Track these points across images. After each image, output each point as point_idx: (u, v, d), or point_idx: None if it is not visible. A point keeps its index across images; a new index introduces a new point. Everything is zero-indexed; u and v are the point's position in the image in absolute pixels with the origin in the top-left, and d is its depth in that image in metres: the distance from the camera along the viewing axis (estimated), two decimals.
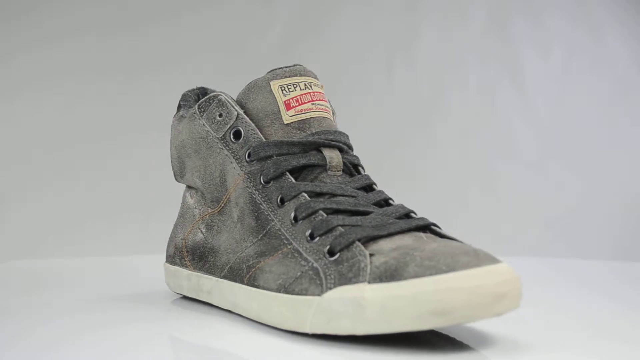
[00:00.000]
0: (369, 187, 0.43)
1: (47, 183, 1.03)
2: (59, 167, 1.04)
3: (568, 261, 0.83)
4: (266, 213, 0.42)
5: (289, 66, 0.45)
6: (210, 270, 0.46)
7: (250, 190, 0.43)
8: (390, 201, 0.42)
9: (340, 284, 0.36)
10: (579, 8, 1.25)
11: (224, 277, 0.45)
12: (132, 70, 1.08)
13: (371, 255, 0.36)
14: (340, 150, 0.44)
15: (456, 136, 1.19)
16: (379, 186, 0.44)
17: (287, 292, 0.39)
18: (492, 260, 0.35)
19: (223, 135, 0.45)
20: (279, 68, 0.45)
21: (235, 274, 0.44)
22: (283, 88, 0.44)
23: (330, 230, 0.38)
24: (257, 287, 0.42)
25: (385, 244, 0.37)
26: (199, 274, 0.47)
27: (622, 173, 1.22)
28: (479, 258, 0.34)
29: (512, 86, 1.22)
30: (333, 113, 0.47)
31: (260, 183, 0.43)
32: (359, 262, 0.36)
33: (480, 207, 1.17)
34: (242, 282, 0.43)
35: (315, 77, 0.46)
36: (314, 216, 0.40)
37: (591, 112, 1.24)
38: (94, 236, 1.02)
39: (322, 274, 0.37)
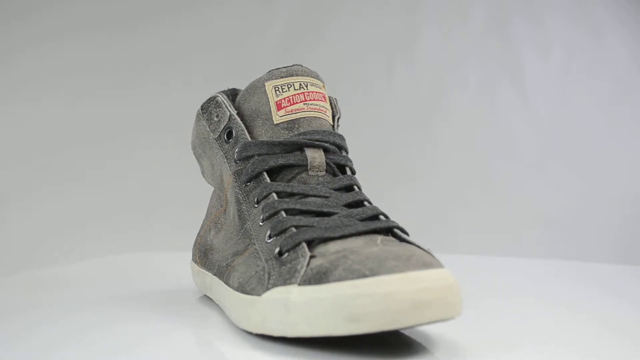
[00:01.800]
0: (348, 188, 0.42)
1: (48, 183, 1.03)
2: (59, 167, 1.04)
3: (568, 263, 0.83)
4: (245, 213, 0.42)
5: (287, 66, 0.45)
6: (209, 268, 0.47)
7: (236, 190, 0.43)
8: (366, 202, 0.41)
9: (277, 285, 0.36)
10: (579, 8, 1.25)
11: (215, 274, 0.46)
12: (132, 70, 1.08)
13: (312, 257, 0.36)
14: (326, 150, 0.43)
15: (456, 136, 1.19)
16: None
17: (243, 291, 0.39)
18: (425, 266, 0.33)
19: (219, 136, 0.45)
20: (277, 69, 0.45)
21: (220, 272, 0.45)
22: (277, 88, 0.44)
23: (284, 231, 0.38)
24: (228, 285, 0.42)
25: (333, 246, 0.36)
26: (203, 270, 0.48)
27: (622, 173, 1.22)
28: (408, 263, 0.33)
29: (512, 86, 1.22)
30: (336, 114, 0.47)
31: (243, 183, 0.43)
32: (297, 263, 0.36)
33: (480, 207, 1.17)
34: (222, 280, 0.44)
35: (316, 77, 0.45)
36: (275, 217, 0.39)
37: (591, 112, 1.24)
38: (94, 236, 1.02)
39: (266, 274, 0.37)
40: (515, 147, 1.20)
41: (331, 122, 0.45)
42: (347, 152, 0.45)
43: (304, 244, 0.37)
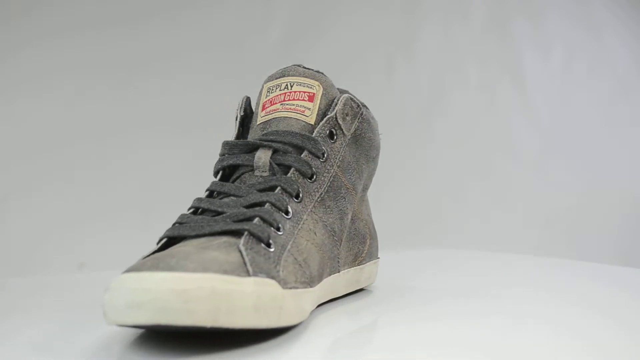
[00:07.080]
0: (272, 189, 0.41)
1: (47, 183, 1.03)
2: (59, 166, 1.04)
3: (567, 262, 0.83)
4: None
5: (284, 67, 0.45)
6: None
7: None
8: (268, 205, 0.40)
9: None
10: (579, 8, 1.25)
11: None
12: (132, 69, 1.08)
13: (155, 252, 0.37)
14: (276, 151, 0.43)
15: (456, 135, 1.19)
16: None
17: None
18: (165, 269, 0.32)
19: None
20: (277, 70, 0.45)
21: None
22: (269, 89, 0.45)
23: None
24: None
25: (184, 244, 0.37)
26: None
27: (622, 173, 1.22)
28: (153, 265, 0.32)
29: (512, 85, 1.22)
30: (329, 113, 0.45)
31: None
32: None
33: (479, 206, 1.17)
34: None
35: (312, 77, 0.45)
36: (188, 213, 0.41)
37: (591, 112, 1.24)
38: (94, 236, 1.02)
39: None
40: (515, 147, 1.21)
41: (311, 122, 0.44)
42: (312, 153, 0.43)
43: (163, 240, 0.38)
